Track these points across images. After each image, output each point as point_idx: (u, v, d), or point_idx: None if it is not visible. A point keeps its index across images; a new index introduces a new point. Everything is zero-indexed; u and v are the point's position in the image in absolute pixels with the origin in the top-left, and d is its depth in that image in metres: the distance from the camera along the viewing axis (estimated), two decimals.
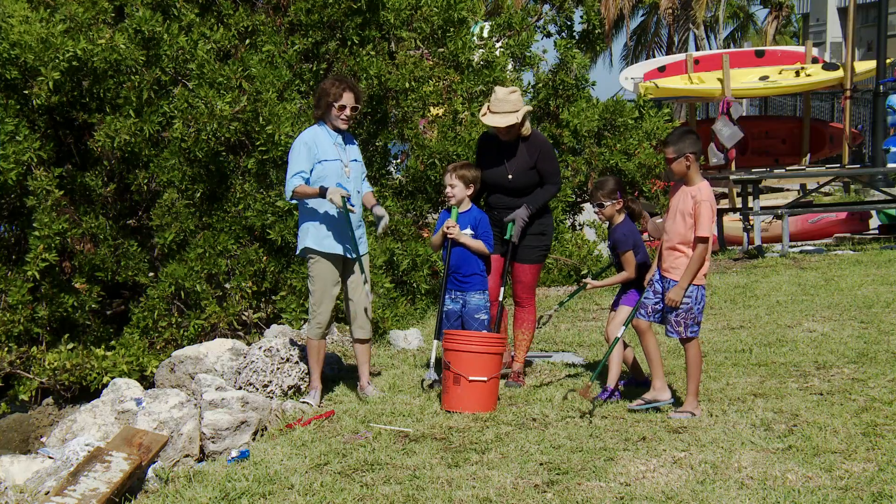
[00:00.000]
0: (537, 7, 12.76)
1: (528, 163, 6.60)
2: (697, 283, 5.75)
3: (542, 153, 6.63)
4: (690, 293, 5.73)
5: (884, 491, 4.50)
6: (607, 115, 11.43)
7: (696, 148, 5.69)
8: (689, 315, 5.76)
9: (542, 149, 6.65)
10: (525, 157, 6.61)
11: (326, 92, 6.41)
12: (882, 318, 8.26)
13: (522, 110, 6.52)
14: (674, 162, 5.71)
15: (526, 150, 6.62)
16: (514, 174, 6.60)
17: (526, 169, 6.60)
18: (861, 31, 32.51)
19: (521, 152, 6.62)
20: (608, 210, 6.30)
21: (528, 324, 6.72)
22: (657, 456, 5.07)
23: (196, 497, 4.78)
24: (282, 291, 8.74)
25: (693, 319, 5.77)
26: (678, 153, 5.68)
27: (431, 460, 5.13)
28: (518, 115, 6.48)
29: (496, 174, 6.63)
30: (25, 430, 7.90)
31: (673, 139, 5.74)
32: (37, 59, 8.27)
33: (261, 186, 9.04)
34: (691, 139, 5.71)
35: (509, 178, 6.60)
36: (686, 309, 5.75)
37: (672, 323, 5.79)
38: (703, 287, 5.81)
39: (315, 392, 6.49)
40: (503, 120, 6.51)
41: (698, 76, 17.29)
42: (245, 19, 9.80)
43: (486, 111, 6.64)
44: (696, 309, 5.77)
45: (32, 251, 8.09)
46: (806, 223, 15.02)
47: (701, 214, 5.64)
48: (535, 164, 6.60)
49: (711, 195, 5.73)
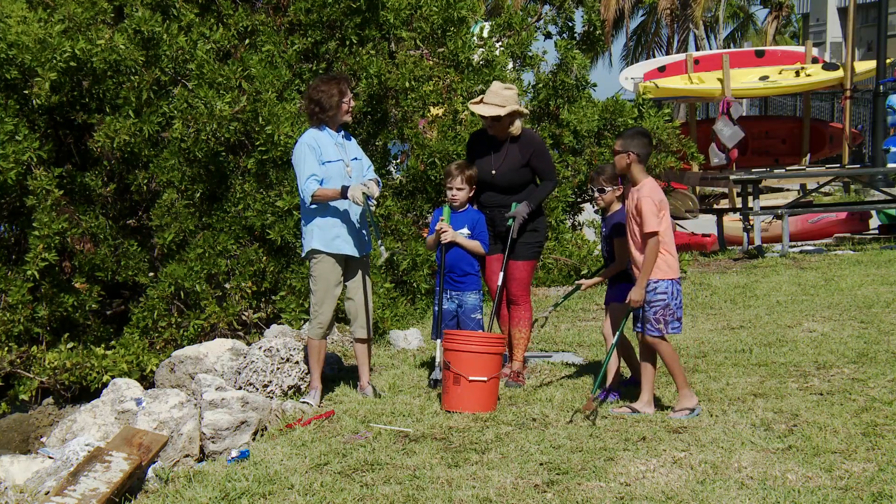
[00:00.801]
0: (537, 7, 12.75)
1: (518, 161, 6.60)
2: (669, 278, 5.74)
3: (535, 151, 6.63)
4: (665, 289, 5.73)
5: (884, 491, 4.50)
6: (607, 115, 11.43)
7: (641, 150, 5.79)
8: (668, 311, 5.75)
9: (535, 147, 6.66)
10: (516, 155, 6.61)
11: (331, 93, 6.39)
12: (882, 318, 8.26)
13: (510, 107, 6.51)
14: (617, 155, 5.86)
15: (518, 149, 6.62)
16: (498, 171, 6.60)
17: (515, 167, 6.60)
18: (861, 31, 32.51)
19: (510, 151, 6.63)
20: (608, 196, 6.29)
21: (525, 321, 6.71)
22: (657, 456, 5.07)
23: (196, 497, 4.78)
24: (282, 291, 8.74)
25: (672, 315, 5.76)
26: (623, 148, 5.81)
27: (431, 460, 5.13)
28: (504, 109, 6.49)
29: (482, 170, 6.65)
30: (25, 430, 7.90)
31: (626, 135, 5.93)
32: (34, 59, 8.26)
33: (260, 186, 9.04)
34: (642, 141, 5.83)
35: (493, 174, 6.61)
36: (663, 305, 5.74)
37: (651, 321, 5.78)
38: (678, 282, 5.79)
39: (315, 392, 6.49)
40: (488, 110, 6.53)
41: (698, 76, 17.31)
42: (245, 19, 9.79)
43: (478, 100, 6.67)
44: (673, 305, 5.75)
45: (32, 251, 8.09)
46: (806, 223, 15.01)
47: (642, 210, 5.69)
48: (529, 161, 6.60)
49: (654, 191, 5.74)
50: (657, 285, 5.74)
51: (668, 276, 5.74)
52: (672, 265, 5.77)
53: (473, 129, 9.97)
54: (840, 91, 18.87)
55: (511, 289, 6.72)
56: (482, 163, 6.67)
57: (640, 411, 5.84)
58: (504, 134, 6.64)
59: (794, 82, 17.31)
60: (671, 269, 5.76)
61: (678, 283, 5.81)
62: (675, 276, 5.78)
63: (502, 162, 6.63)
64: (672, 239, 5.83)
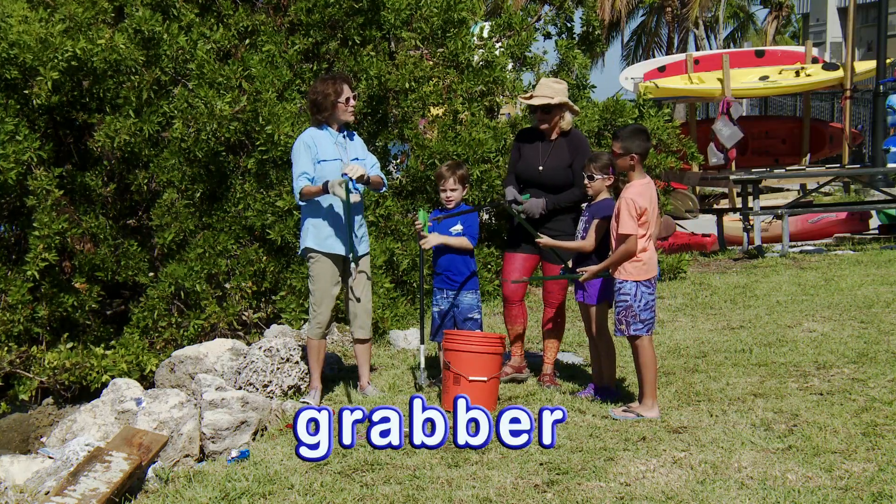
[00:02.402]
0: (537, 7, 12.75)
1: (565, 159, 6.54)
2: (635, 280, 5.72)
3: (580, 152, 6.55)
4: (629, 290, 5.72)
5: (884, 491, 4.50)
6: (607, 115, 11.42)
7: (642, 149, 5.77)
8: (630, 313, 5.75)
9: (580, 148, 6.59)
10: (564, 151, 6.55)
11: (327, 93, 6.39)
12: (882, 318, 8.26)
13: (560, 98, 6.48)
14: (618, 157, 5.82)
15: (566, 145, 6.57)
16: (545, 166, 6.54)
17: (562, 165, 6.53)
18: (861, 31, 32.53)
19: (559, 146, 6.57)
20: (598, 184, 6.18)
21: (560, 326, 6.75)
22: (657, 456, 5.07)
23: (196, 497, 4.78)
24: (282, 291, 8.74)
25: (634, 317, 5.74)
26: (624, 150, 5.77)
27: (431, 460, 5.13)
28: (555, 99, 6.45)
29: (530, 166, 6.58)
30: (25, 430, 7.90)
31: (623, 135, 5.83)
32: (35, 58, 8.27)
33: (261, 186, 9.04)
34: (641, 139, 5.79)
35: (540, 170, 6.54)
36: (625, 306, 5.74)
37: (615, 321, 5.81)
38: (646, 285, 5.74)
39: (315, 392, 6.49)
40: (538, 100, 6.50)
41: (698, 76, 17.31)
42: (245, 19, 9.79)
43: (529, 95, 6.66)
44: (636, 307, 5.73)
45: (32, 251, 8.09)
46: (806, 223, 15.01)
47: (620, 212, 5.70)
48: (572, 162, 6.53)
49: (638, 195, 5.71)
50: (622, 285, 5.77)
51: (634, 278, 5.74)
52: (641, 269, 5.73)
53: (473, 130, 10.01)
54: (840, 91, 18.87)
55: (554, 292, 6.68)
56: (530, 157, 6.60)
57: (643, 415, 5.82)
58: (554, 128, 6.60)
59: (794, 82, 17.31)
60: (639, 271, 5.73)
61: (645, 286, 5.74)
62: (641, 278, 5.74)
63: (549, 157, 6.57)
64: (652, 244, 5.79)
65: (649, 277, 5.77)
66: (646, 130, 5.96)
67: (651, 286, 5.78)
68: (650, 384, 5.78)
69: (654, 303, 5.81)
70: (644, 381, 5.79)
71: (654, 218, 5.77)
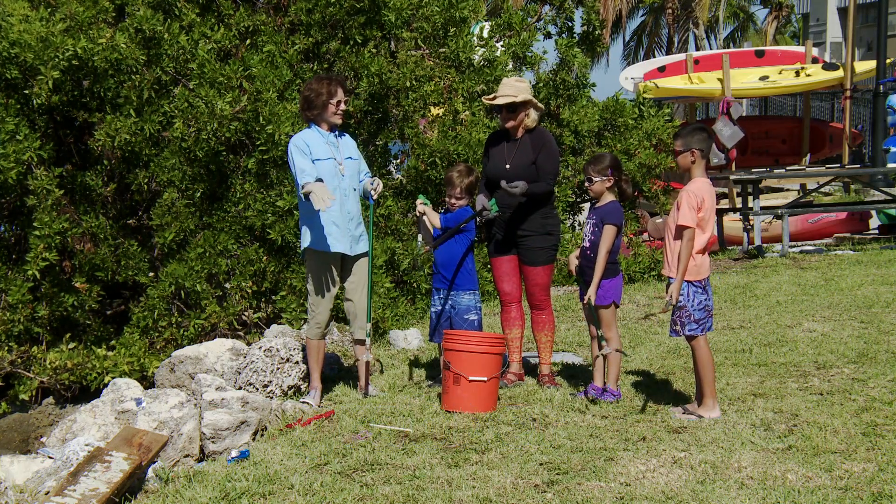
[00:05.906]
0: (537, 7, 12.75)
1: (529, 157, 6.55)
2: (689, 280, 5.69)
3: (544, 147, 6.56)
4: (681, 291, 5.70)
5: (884, 491, 4.50)
6: (608, 115, 11.42)
7: (703, 145, 5.72)
8: (684, 313, 5.73)
9: (545, 143, 6.60)
10: (528, 149, 6.57)
11: (319, 92, 6.39)
12: (882, 318, 8.26)
13: (524, 95, 6.51)
14: (679, 154, 5.77)
15: (530, 142, 6.58)
16: (511, 164, 6.56)
17: (527, 163, 6.54)
18: (861, 31, 32.53)
19: (524, 144, 6.59)
20: (597, 186, 6.18)
21: (549, 325, 6.71)
22: (657, 456, 5.07)
23: (196, 497, 4.78)
24: (282, 291, 8.74)
25: (689, 317, 5.71)
26: (685, 147, 5.73)
27: (431, 460, 5.13)
28: (518, 97, 6.48)
29: (497, 165, 6.61)
30: (25, 430, 7.90)
31: (683, 133, 5.80)
32: (36, 58, 8.27)
33: (261, 186, 9.04)
34: (701, 136, 5.75)
35: (507, 168, 6.56)
36: (679, 307, 5.73)
37: (671, 322, 5.79)
38: (698, 285, 5.71)
39: (315, 392, 6.49)
40: (501, 99, 6.53)
41: (698, 76, 17.29)
42: (246, 19, 9.80)
43: (492, 97, 6.68)
44: (689, 306, 5.71)
45: (32, 251, 8.09)
46: (806, 223, 15.03)
47: (681, 203, 5.65)
48: (536, 158, 6.55)
49: (700, 188, 5.67)
50: None
51: (689, 278, 5.69)
52: (693, 269, 5.67)
53: (474, 130, 10.01)
54: (840, 91, 18.85)
55: (533, 294, 6.68)
56: (497, 156, 6.64)
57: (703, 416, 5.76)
58: (520, 126, 6.61)
59: (794, 82, 17.29)
60: (691, 272, 5.67)
61: (697, 286, 5.71)
62: (693, 279, 5.69)
63: (515, 155, 6.58)
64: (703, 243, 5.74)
65: (700, 278, 5.74)
66: (706, 128, 5.91)
67: (701, 286, 5.74)
68: (709, 384, 5.74)
69: (707, 302, 5.75)
70: (703, 381, 5.74)
71: (711, 218, 5.73)
